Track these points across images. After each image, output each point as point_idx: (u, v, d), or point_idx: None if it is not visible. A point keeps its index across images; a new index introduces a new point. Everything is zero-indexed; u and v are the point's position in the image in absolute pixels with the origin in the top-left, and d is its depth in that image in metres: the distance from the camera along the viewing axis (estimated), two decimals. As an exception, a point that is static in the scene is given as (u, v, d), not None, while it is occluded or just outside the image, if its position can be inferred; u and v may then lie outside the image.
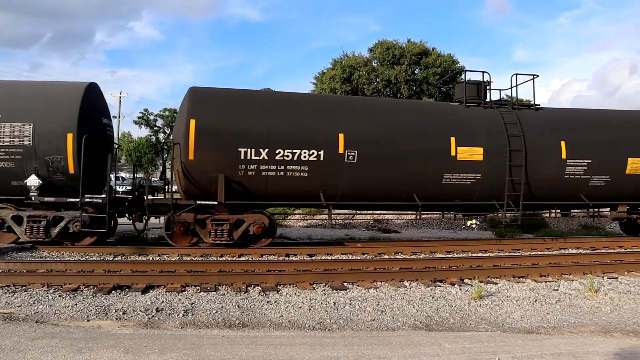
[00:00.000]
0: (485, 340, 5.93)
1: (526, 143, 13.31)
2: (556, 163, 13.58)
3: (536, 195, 13.67)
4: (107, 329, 6.01)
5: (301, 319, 6.69)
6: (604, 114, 15.70)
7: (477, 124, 13.40)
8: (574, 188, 13.85)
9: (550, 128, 13.95)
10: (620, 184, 14.17)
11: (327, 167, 12.08)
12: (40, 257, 10.97)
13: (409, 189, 12.72)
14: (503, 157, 13.12)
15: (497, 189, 13.19)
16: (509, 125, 13.39)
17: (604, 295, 8.27)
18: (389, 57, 31.50)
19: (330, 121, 12.36)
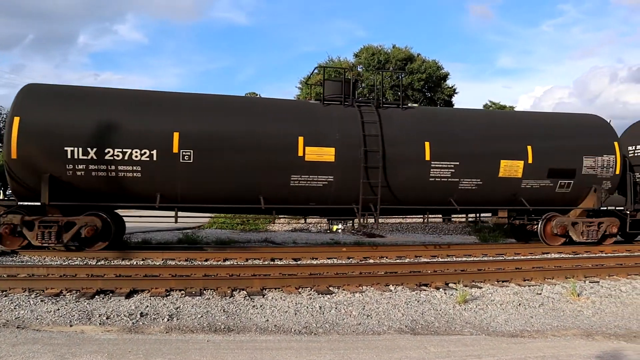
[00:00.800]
0: (470, 344, 5.97)
1: (384, 143, 12.56)
2: (419, 165, 12.83)
3: (400, 199, 12.97)
4: (90, 334, 5.94)
5: (287, 324, 6.68)
6: (476, 114, 15.22)
7: (330, 123, 12.59)
8: (442, 191, 13.14)
9: (416, 128, 13.22)
10: (494, 188, 13.53)
11: (161, 168, 11.48)
12: (21, 261, 10.81)
13: (254, 191, 12.11)
14: (358, 158, 12.40)
15: (355, 191, 12.43)
16: (367, 124, 12.61)
17: (586, 299, 8.38)
18: (374, 62, 31.68)
19: (165, 119, 11.74)
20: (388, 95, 31.28)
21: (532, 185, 13.79)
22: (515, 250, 13.69)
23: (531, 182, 13.77)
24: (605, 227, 14.30)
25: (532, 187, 13.81)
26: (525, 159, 13.62)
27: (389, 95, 31.33)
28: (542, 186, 13.88)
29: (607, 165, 14.31)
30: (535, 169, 13.69)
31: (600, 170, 14.27)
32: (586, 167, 14.13)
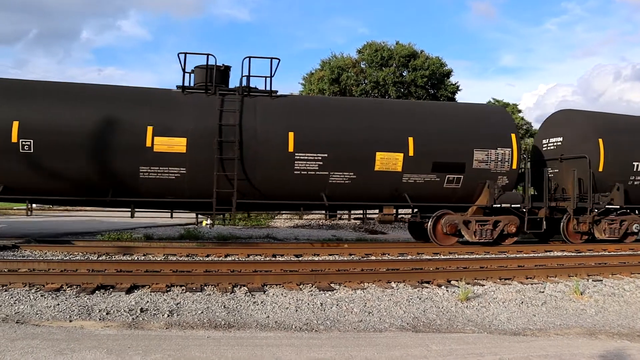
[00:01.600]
0: (472, 342, 5.93)
1: (243, 133, 11.78)
2: (282, 157, 11.96)
3: (263, 193, 12.16)
4: (90, 330, 5.90)
5: (288, 320, 6.64)
6: (352, 102, 14.02)
7: (185, 112, 11.89)
8: (310, 185, 12.20)
9: (281, 117, 12.27)
10: (370, 183, 12.51)
11: None
12: (22, 256, 10.79)
13: (103, 183, 11.54)
14: (213, 149, 11.65)
15: (212, 184, 11.70)
16: (225, 113, 11.84)
17: (589, 297, 8.33)
18: (378, 58, 31.57)
19: (3, 109, 11.18)
20: (391, 92, 31.21)
21: (415, 180, 12.72)
22: (518, 248, 13.62)
23: (414, 177, 12.70)
24: (503, 226, 13.34)
25: (416, 182, 12.75)
26: (405, 151, 12.57)
27: (391, 91, 31.25)
28: (428, 181, 12.82)
29: (502, 159, 13.22)
30: (417, 162, 12.64)
31: (495, 164, 13.16)
32: (477, 161, 13.03)
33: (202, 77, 12.49)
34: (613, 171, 14.46)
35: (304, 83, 35.33)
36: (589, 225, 14.38)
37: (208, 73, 12.40)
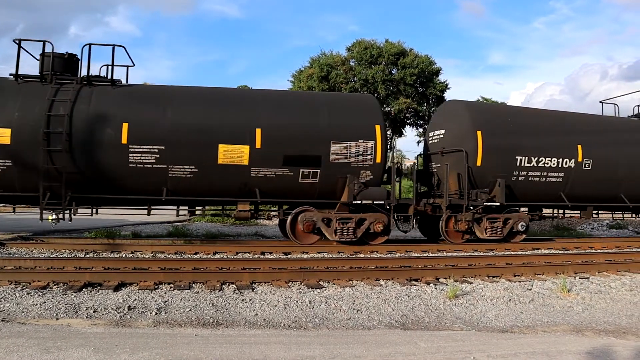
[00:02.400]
0: (460, 339, 5.95)
1: (73, 124, 11.12)
2: (116, 149, 11.30)
3: (98, 187, 11.51)
4: (77, 328, 5.84)
5: (276, 318, 6.63)
6: (195, 91, 12.71)
7: (10, 101, 11.27)
8: (148, 179, 11.55)
9: (117, 108, 11.59)
10: (214, 176, 11.80)
11: None
12: (8, 253, 10.67)
13: None
14: (40, 141, 10.97)
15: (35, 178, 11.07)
16: (57, 102, 11.18)
17: (576, 295, 8.40)
18: (367, 56, 31.59)
19: None
20: (380, 90, 31.23)
21: (265, 174, 11.92)
22: (506, 246, 13.71)
23: (264, 171, 11.90)
24: (369, 225, 12.50)
25: (267, 177, 11.94)
26: (252, 143, 11.82)
27: (380, 89, 31.28)
28: (280, 175, 11.99)
29: (364, 153, 12.34)
30: (266, 155, 11.87)
31: (355, 158, 12.29)
32: (336, 155, 12.15)
33: (47, 67, 11.86)
34: (493, 166, 13.46)
35: (293, 80, 35.28)
36: (467, 223, 13.35)
37: (44, 61, 11.82)
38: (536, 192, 14.17)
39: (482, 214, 13.55)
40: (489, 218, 13.52)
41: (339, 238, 12.32)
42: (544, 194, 14.28)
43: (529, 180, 13.90)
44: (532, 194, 14.16)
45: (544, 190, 14.17)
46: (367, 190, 12.35)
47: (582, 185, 14.41)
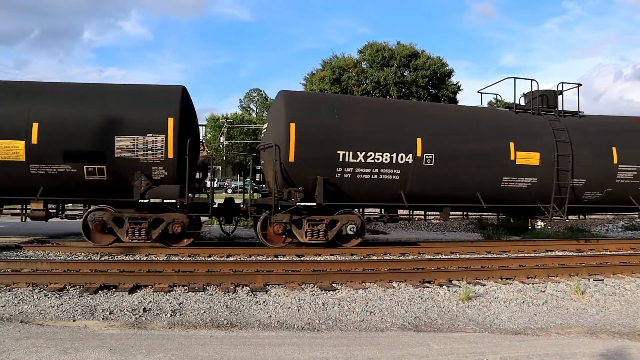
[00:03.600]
0: (473, 341, 5.95)
1: None
2: None
3: None
4: (94, 329, 5.94)
5: (290, 320, 6.67)
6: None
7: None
8: None
9: None
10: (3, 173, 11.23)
11: None
12: (25, 256, 10.84)
13: None
14: None
15: None
16: None
17: (590, 297, 8.35)
18: (379, 59, 31.60)
19: None
20: (392, 92, 31.24)
21: (46, 170, 11.23)
22: (519, 248, 13.64)
23: (44, 167, 11.20)
24: (166, 226, 11.65)
25: (48, 174, 11.24)
26: (27, 139, 11.09)
27: (393, 91, 31.28)
28: (63, 172, 11.27)
29: (153, 147, 11.43)
30: (44, 151, 11.14)
31: (144, 153, 11.42)
32: (121, 150, 11.32)
33: None
34: (310, 162, 12.03)
35: (305, 83, 35.39)
36: (284, 225, 12.06)
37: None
38: (369, 191, 12.58)
39: (303, 216, 12.23)
40: (309, 220, 12.18)
41: (130, 239, 11.48)
42: (379, 194, 12.68)
43: (357, 177, 12.38)
44: (365, 193, 12.59)
45: (378, 189, 12.58)
46: (157, 188, 11.54)
47: (424, 184, 12.80)
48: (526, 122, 14.22)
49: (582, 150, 14.03)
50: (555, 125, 14.12)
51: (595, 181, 14.22)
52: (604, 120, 15.62)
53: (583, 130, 14.48)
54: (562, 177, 13.83)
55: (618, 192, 14.47)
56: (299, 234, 12.19)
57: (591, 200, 14.53)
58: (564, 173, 13.83)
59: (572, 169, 13.88)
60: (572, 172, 13.90)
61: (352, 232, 12.37)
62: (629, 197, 14.54)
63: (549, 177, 13.73)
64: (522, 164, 13.55)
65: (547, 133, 13.93)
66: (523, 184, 13.64)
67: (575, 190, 14.15)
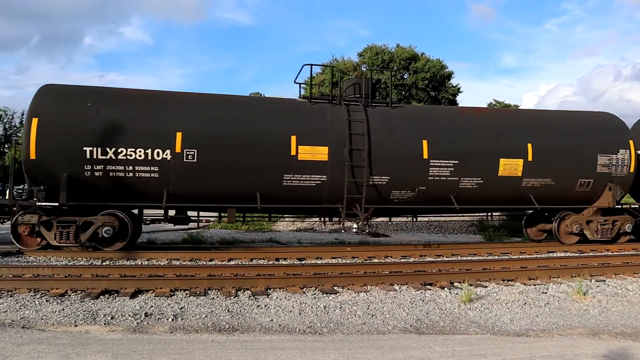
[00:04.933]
0: (475, 343, 5.94)
1: None
2: None
3: None
4: (95, 334, 5.94)
5: (291, 323, 6.67)
6: None
7: None
8: None
9: None
10: None
11: None
12: (26, 261, 10.84)
13: None
14: None
15: None
16: None
17: (592, 297, 8.34)
18: (378, 61, 31.62)
19: None
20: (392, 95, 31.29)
21: None
22: (521, 250, 13.63)
23: None
24: None
25: None
26: None
27: (393, 94, 31.32)
28: None
29: None
30: None
31: None
32: None
33: None
34: (54, 159, 11.22)
35: (305, 87, 35.39)
36: (31, 227, 11.34)
37: None
38: (128, 191, 11.73)
39: (53, 217, 11.42)
40: (60, 222, 11.38)
41: None
42: (139, 193, 11.79)
43: (110, 176, 11.49)
44: (125, 192, 11.73)
45: (137, 187, 11.73)
46: None
47: (190, 182, 11.84)
48: (318, 113, 12.71)
49: (385, 144, 12.54)
50: (354, 117, 12.62)
51: (403, 179, 12.70)
52: (418, 111, 14.49)
53: (391, 122, 12.97)
54: (358, 175, 12.33)
55: (435, 191, 13.00)
56: (49, 236, 11.44)
57: (403, 200, 13.01)
58: (359, 169, 12.34)
59: (371, 165, 12.40)
60: (371, 169, 12.42)
61: (108, 234, 11.46)
62: (450, 197, 13.06)
63: (340, 174, 12.26)
64: (306, 160, 12.13)
65: (340, 125, 12.46)
66: (310, 182, 12.21)
67: (379, 189, 12.62)
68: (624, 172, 14.43)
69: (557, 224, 14.51)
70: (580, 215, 14.46)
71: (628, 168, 14.46)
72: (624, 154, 14.38)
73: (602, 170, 14.22)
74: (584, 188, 14.21)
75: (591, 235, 14.28)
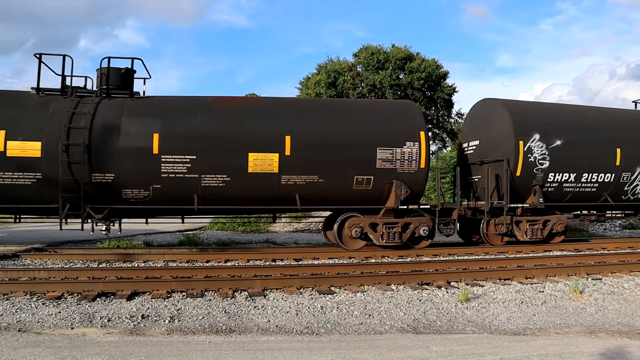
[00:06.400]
0: (472, 342, 5.95)
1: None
2: None
3: None
4: (92, 337, 5.92)
5: (288, 324, 6.66)
6: None
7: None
8: None
9: None
10: None
11: None
12: (22, 265, 10.80)
13: None
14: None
15: None
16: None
17: (589, 296, 8.35)
18: (374, 62, 31.64)
19: None
20: (388, 95, 31.29)
21: None
22: (517, 249, 13.65)
23: None
24: None
25: None
26: None
27: (388, 94, 31.33)
28: None
29: None
30: None
31: None
32: None
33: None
34: None
35: (301, 87, 35.40)
36: None
37: None
38: None
39: None
40: None
41: None
42: None
43: None
44: None
45: None
46: None
47: None
48: (41, 106, 11.64)
49: (111, 139, 11.45)
50: (81, 109, 11.48)
51: (132, 177, 11.55)
52: (155, 102, 12.48)
53: (123, 115, 11.74)
54: (77, 172, 11.20)
55: (174, 190, 11.72)
56: None
57: (140, 200, 11.78)
58: (78, 166, 11.21)
59: (91, 162, 11.30)
60: (92, 165, 11.32)
61: None
62: (194, 196, 11.78)
63: (56, 171, 11.14)
64: (15, 156, 11.08)
65: (60, 119, 11.37)
66: (19, 180, 11.17)
67: (106, 188, 11.52)
68: (413, 168, 12.60)
69: (337, 226, 12.74)
70: (362, 218, 12.65)
71: (417, 163, 12.62)
72: (411, 147, 12.52)
73: (383, 165, 12.40)
74: (363, 186, 12.45)
75: (376, 240, 12.68)
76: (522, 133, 13.72)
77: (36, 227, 17.81)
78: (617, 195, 14.77)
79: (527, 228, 13.75)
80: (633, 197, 15.02)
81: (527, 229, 13.74)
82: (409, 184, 12.54)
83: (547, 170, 13.91)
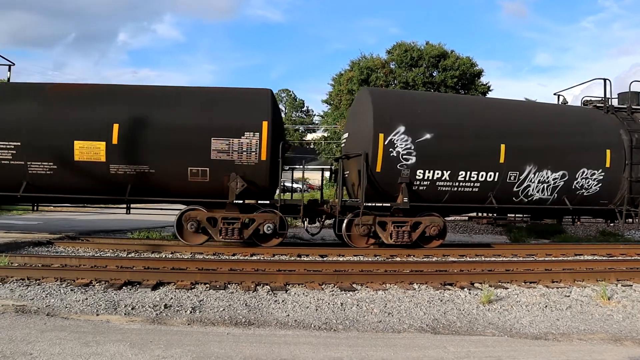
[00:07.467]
0: (491, 345, 5.89)
1: None
2: None
3: None
4: (115, 324, 6.10)
5: (307, 319, 6.71)
6: None
7: None
8: None
9: None
10: None
11: None
12: (55, 252, 11.16)
13: None
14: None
15: None
16: None
17: (617, 302, 8.14)
18: (407, 59, 31.42)
19: None
20: (421, 93, 31.07)
21: None
22: (547, 252, 13.37)
23: None
24: None
25: None
26: None
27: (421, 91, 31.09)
28: None
29: None
30: None
31: None
32: None
33: None
34: None
35: (333, 84, 35.43)
36: None
37: None
38: None
39: None
40: None
41: None
42: None
43: None
44: None
45: None
46: None
47: None
48: None
49: None
50: None
51: None
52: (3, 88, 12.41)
53: None
54: None
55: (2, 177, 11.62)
56: None
57: None
58: None
59: None
60: None
61: None
62: (23, 183, 11.54)
63: None
64: None
65: None
66: None
67: None
68: (252, 160, 11.79)
69: (176, 220, 12.12)
70: (201, 211, 12.00)
71: (258, 155, 11.78)
72: (250, 137, 11.74)
73: (219, 157, 11.70)
74: (199, 178, 11.77)
75: (215, 236, 12.00)
76: (384, 125, 12.12)
77: (71, 216, 18.35)
78: (506, 196, 12.95)
79: (393, 230, 12.20)
80: (527, 200, 13.14)
81: (392, 231, 12.18)
82: (249, 177, 11.83)
83: (414, 166, 12.19)
